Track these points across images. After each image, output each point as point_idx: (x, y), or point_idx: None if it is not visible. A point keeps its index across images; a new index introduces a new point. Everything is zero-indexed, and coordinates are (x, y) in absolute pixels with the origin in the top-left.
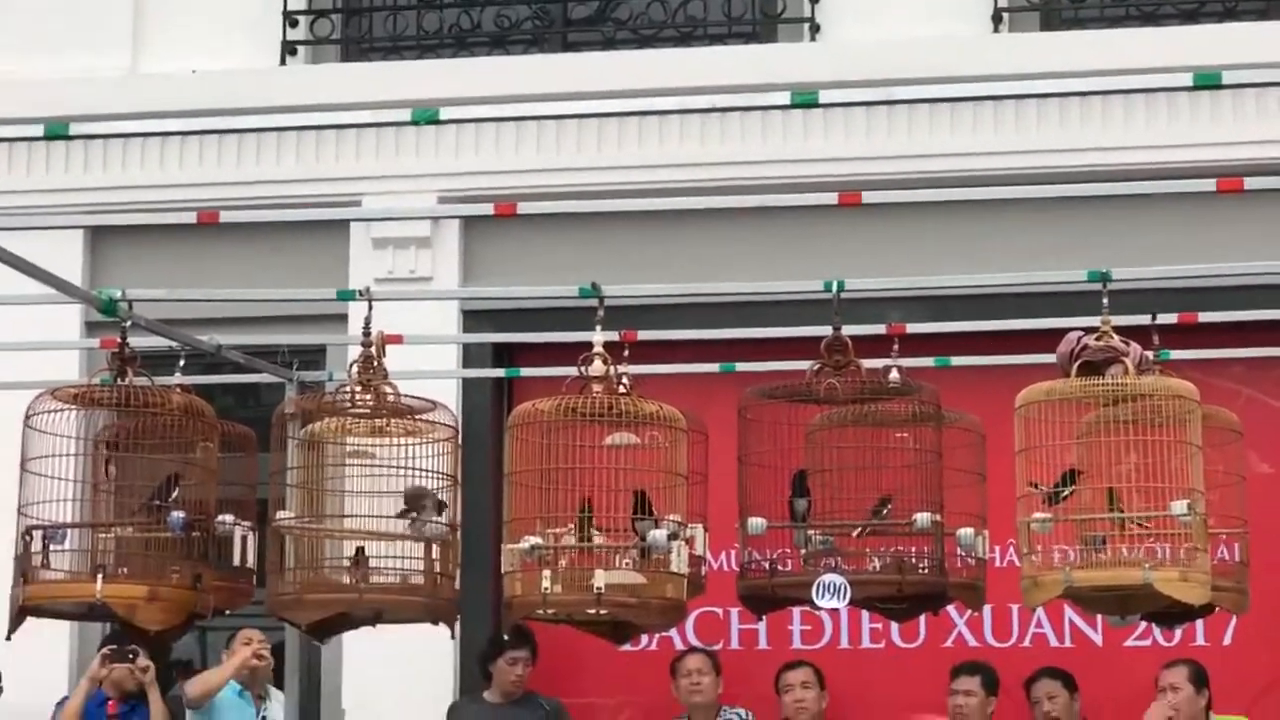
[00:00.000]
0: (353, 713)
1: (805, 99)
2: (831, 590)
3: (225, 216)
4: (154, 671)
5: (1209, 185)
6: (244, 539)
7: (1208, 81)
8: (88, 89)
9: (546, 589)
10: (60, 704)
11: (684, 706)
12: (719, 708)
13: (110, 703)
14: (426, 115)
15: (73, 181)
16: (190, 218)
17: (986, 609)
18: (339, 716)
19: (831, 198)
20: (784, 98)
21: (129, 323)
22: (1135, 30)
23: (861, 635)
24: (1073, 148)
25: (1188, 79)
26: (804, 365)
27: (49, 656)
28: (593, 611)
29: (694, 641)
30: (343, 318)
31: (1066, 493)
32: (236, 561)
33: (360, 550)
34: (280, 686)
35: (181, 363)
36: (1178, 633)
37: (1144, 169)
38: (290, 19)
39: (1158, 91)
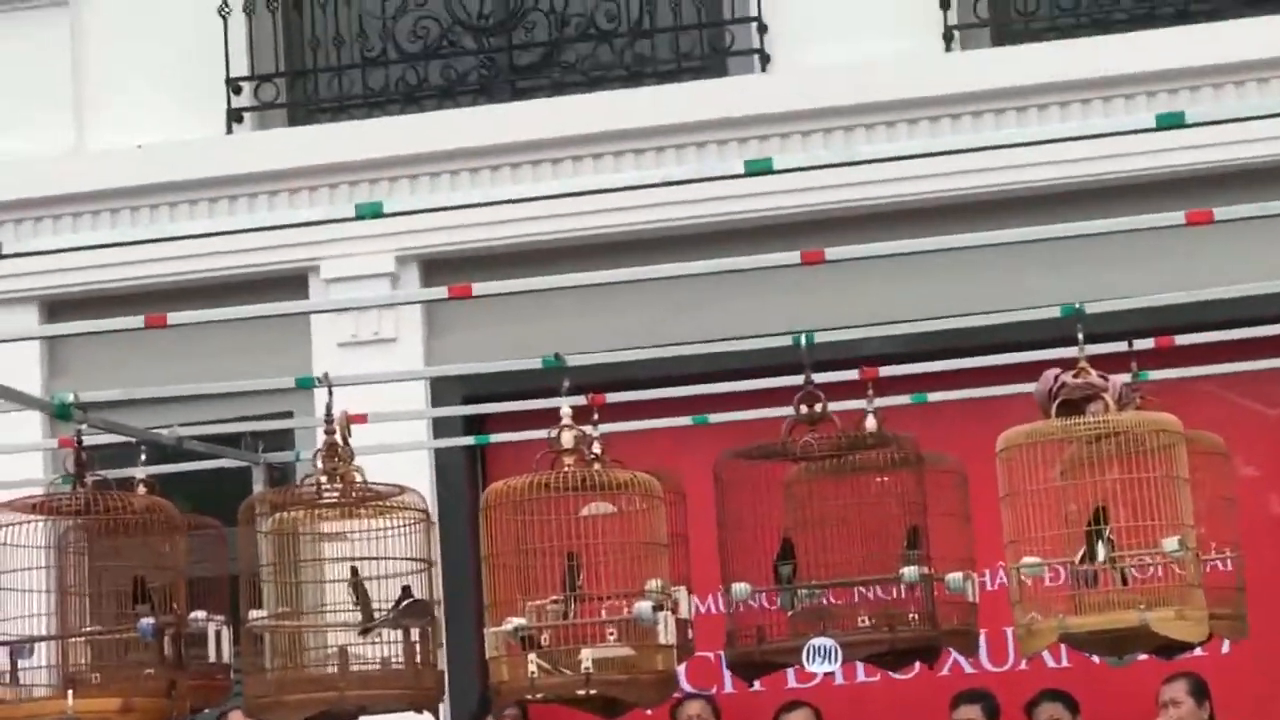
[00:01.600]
0: None
1: (760, 166)
2: (822, 654)
3: (174, 318)
4: None
5: (1178, 218)
6: (218, 634)
7: (1171, 122)
8: (32, 169)
9: (534, 674)
10: None
11: None
12: None
13: None
14: (371, 210)
15: (23, 267)
16: (138, 321)
17: (981, 633)
18: None
19: (794, 256)
20: (738, 163)
21: (84, 426)
22: (1091, 39)
23: (856, 670)
24: (1035, 162)
25: (1150, 119)
26: (778, 413)
27: None
28: (582, 692)
29: (686, 687)
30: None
31: (1108, 530)
32: (212, 658)
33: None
34: None
35: (143, 458)
36: None
37: (1108, 180)
38: (234, 86)
39: (1115, 98)
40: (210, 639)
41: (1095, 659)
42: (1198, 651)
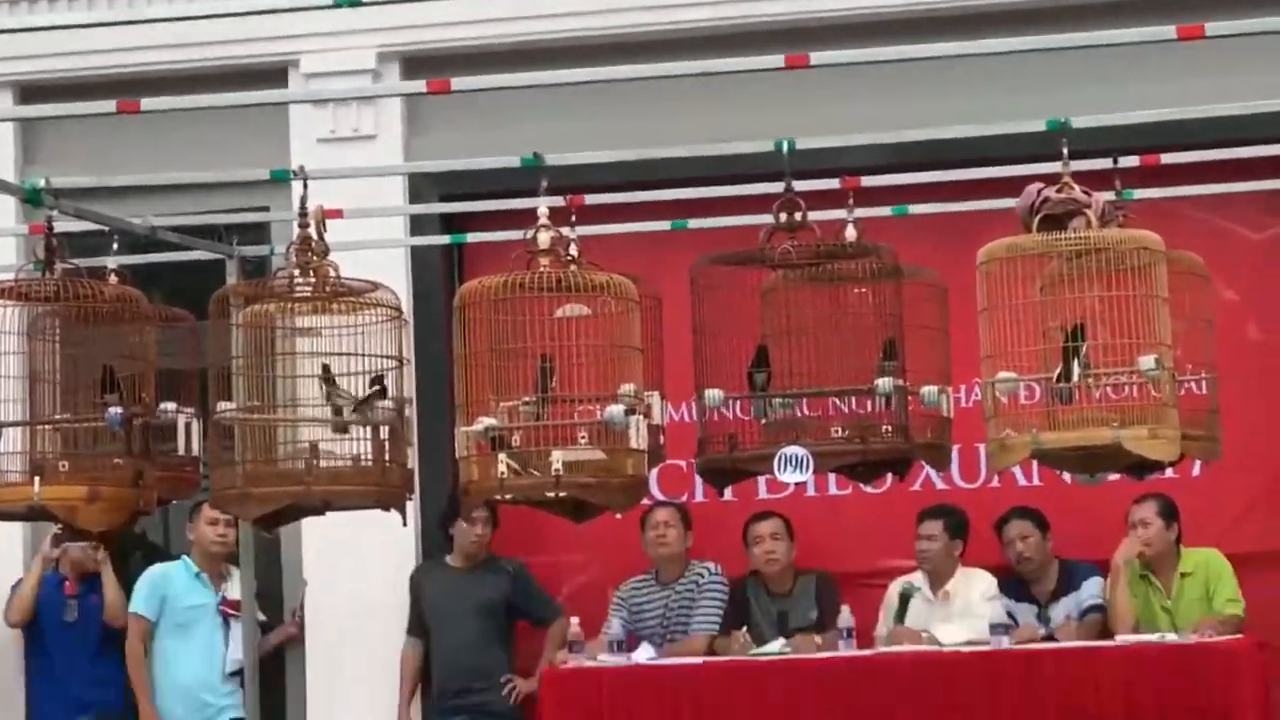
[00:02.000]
0: (315, 583)
1: None
2: (794, 463)
3: (147, 104)
4: (105, 551)
5: (1169, 32)
6: (187, 426)
7: None
8: None
9: (503, 474)
10: (15, 586)
11: (652, 560)
12: (687, 561)
13: (68, 583)
14: None
15: None
16: (110, 105)
17: (954, 449)
18: (300, 588)
19: (778, 60)
20: None
21: (55, 211)
22: None
23: (828, 482)
24: None
25: None
26: (758, 220)
27: (2, 539)
28: (552, 494)
29: (657, 495)
30: (286, 183)
31: (1085, 347)
32: (181, 450)
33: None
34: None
35: (115, 247)
36: None
37: None
38: None
39: None
40: (180, 431)
41: (1066, 477)
42: (1169, 473)
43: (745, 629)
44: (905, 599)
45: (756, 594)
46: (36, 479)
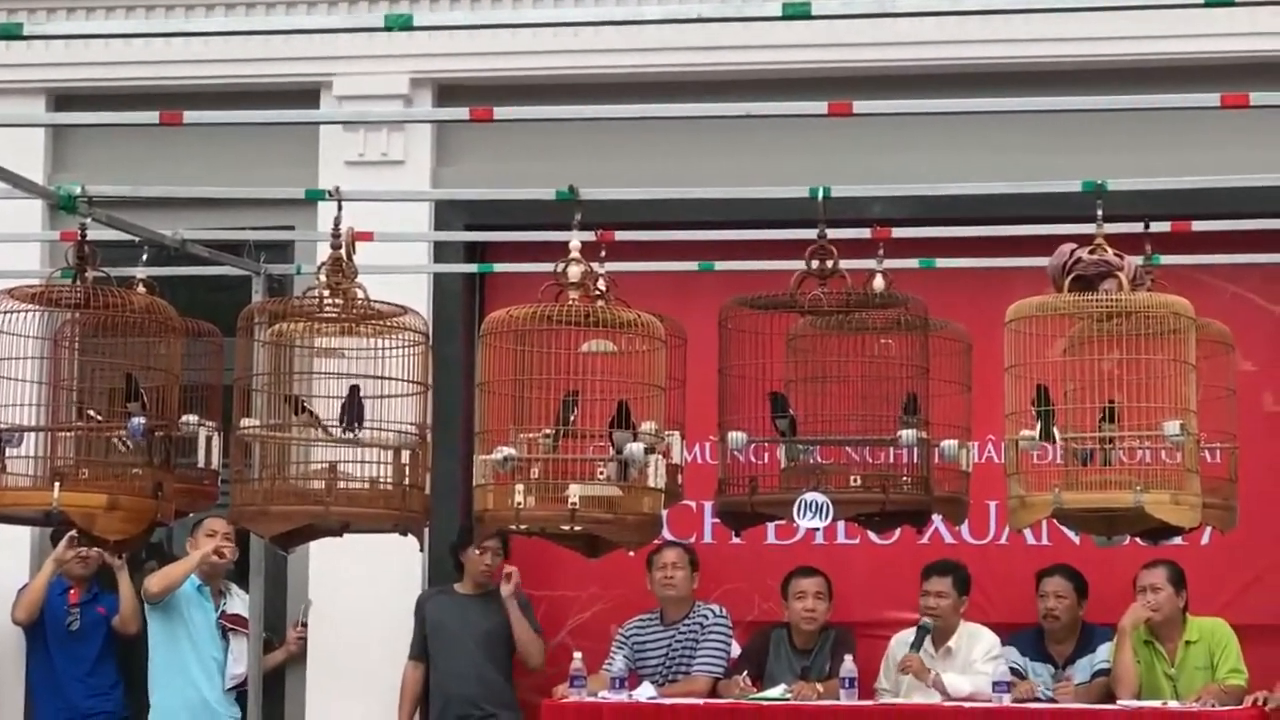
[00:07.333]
0: (319, 604)
1: (797, 11)
2: (814, 509)
3: (190, 116)
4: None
5: (1213, 100)
6: (208, 440)
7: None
8: None
9: (519, 504)
10: (23, 589)
11: (657, 600)
12: (693, 603)
13: (72, 591)
14: (400, 21)
15: (33, 57)
16: (153, 116)
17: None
18: (303, 606)
19: (821, 107)
20: (776, 7)
21: (89, 219)
22: None
23: (837, 532)
24: (1069, 37)
25: None
26: (785, 265)
27: (11, 541)
28: (566, 527)
29: (666, 535)
30: (312, 203)
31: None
32: (201, 463)
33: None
34: (245, 577)
35: (144, 258)
36: None
37: (1150, 60)
38: None
39: None
40: (200, 444)
41: (1076, 539)
42: (1178, 540)
43: (745, 674)
44: (923, 633)
45: (779, 645)
46: (56, 484)
